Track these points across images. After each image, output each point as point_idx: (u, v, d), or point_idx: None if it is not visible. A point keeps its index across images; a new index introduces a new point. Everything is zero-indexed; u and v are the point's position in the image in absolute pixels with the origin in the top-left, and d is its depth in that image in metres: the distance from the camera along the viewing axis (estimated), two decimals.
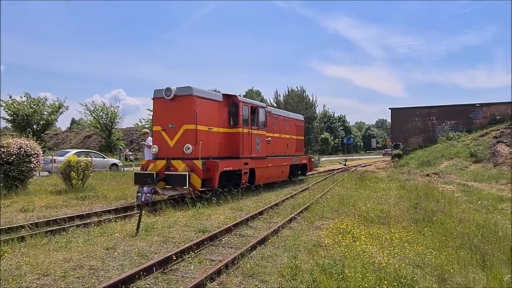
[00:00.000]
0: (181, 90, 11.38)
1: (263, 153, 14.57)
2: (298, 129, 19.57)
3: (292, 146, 18.69)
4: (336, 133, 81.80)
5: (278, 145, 16.87)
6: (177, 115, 11.41)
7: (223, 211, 10.25)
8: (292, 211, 10.05)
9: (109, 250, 6.31)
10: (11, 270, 5.24)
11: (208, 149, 11.72)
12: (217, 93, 12.88)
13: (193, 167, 10.81)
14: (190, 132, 11.21)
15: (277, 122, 16.92)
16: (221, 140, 12.59)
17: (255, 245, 6.61)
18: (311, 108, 33.79)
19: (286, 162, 17.17)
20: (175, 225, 8.31)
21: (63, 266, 5.44)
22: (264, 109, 15.00)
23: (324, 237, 7.46)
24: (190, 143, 11.11)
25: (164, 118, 11.70)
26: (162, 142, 11.66)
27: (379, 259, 5.82)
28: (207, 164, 11.11)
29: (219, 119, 12.52)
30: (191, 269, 5.57)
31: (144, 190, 7.92)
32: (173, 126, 11.46)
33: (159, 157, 11.61)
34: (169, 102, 11.43)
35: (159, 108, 11.88)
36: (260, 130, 14.47)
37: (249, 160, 13.33)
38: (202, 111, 11.46)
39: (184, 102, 11.31)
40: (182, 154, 11.15)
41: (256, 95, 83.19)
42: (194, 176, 10.71)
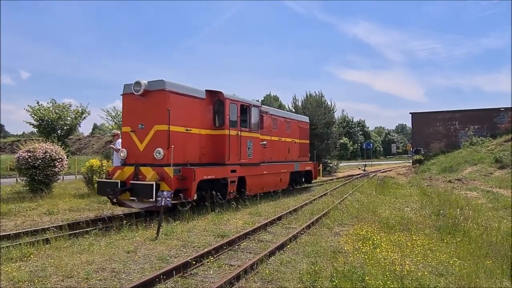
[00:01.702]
0: (153, 84, 9.71)
1: (256, 159, 12.81)
2: (302, 132, 17.58)
3: (295, 150, 16.72)
4: (355, 138, 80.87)
5: (277, 149, 15.01)
6: (147, 114, 9.72)
7: (242, 216, 10.27)
8: (311, 217, 9.98)
9: (130, 254, 6.41)
10: (37, 271, 5.39)
11: (186, 154, 10.08)
12: (198, 89, 10.86)
13: (163, 175, 9.12)
14: (161, 134, 9.48)
15: (276, 123, 15.06)
16: (204, 144, 10.85)
17: (274, 251, 6.59)
18: (329, 113, 33.42)
19: (285, 169, 15.26)
20: (194, 230, 8.38)
21: (86, 268, 5.55)
22: (258, 108, 13.11)
23: (344, 243, 7.37)
24: (161, 146, 9.40)
25: (133, 118, 9.99)
26: (131, 145, 9.93)
27: (401, 267, 5.70)
28: (182, 171, 9.52)
29: (202, 119, 10.83)
30: (210, 273, 5.59)
31: (164, 194, 8.00)
32: (143, 126, 9.74)
33: (128, 163, 9.91)
34: (139, 98, 9.75)
35: (128, 105, 10.17)
36: (252, 133, 12.62)
37: (237, 167, 11.60)
38: (177, 109, 9.75)
39: (155, 99, 9.63)
40: (153, 160, 9.46)
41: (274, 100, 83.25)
42: (164, 186, 9.04)
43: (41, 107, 31.50)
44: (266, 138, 13.88)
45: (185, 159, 10.00)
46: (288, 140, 16.02)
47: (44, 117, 31.13)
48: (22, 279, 5.01)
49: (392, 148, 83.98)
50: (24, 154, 12.48)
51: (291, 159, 16.15)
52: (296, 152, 16.75)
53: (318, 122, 30.84)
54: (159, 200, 7.90)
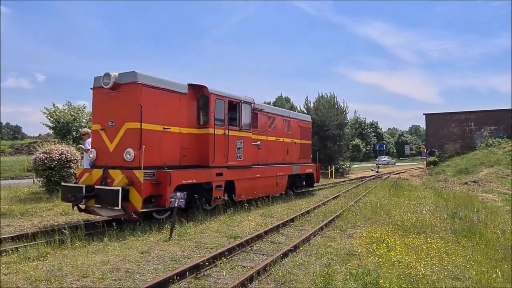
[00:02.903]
0: (124, 76, 8.68)
1: (247, 161, 11.67)
2: (303, 132, 16.29)
3: (295, 152, 15.46)
4: (367, 140, 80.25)
5: (274, 150, 13.80)
6: (118, 110, 8.70)
7: (254, 217, 10.27)
8: (324, 219, 9.92)
9: (144, 254, 6.47)
10: (53, 270, 5.49)
11: (163, 155, 9.02)
12: (178, 83, 9.71)
13: (132, 179, 8.08)
14: (133, 132, 8.43)
15: (273, 122, 13.86)
16: (185, 144, 9.74)
17: (287, 253, 6.57)
18: (342, 115, 33.25)
19: (282, 171, 13.89)
20: (207, 231, 8.41)
21: (101, 268, 5.63)
22: (250, 105, 11.93)
23: (357, 245, 7.31)
24: (132, 146, 8.33)
25: (103, 114, 9.00)
26: (101, 145, 8.92)
27: (416, 270, 5.63)
28: (157, 175, 8.53)
29: (183, 116, 9.70)
30: (223, 274, 5.61)
31: (178, 196, 8.05)
32: (113, 124, 8.71)
33: (97, 165, 8.91)
34: (109, 92, 8.76)
35: (98, 100, 9.16)
36: (243, 132, 11.46)
37: (224, 170, 10.48)
38: (152, 104, 8.74)
39: (126, 93, 8.61)
40: (123, 162, 8.41)
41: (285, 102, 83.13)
42: (133, 192, 8.03)
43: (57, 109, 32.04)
44: (261, 138, 12.83)
45: (161, 161, 8.97)
46: (287, 140, 14.89)
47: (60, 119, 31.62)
48: (39, 278, 5.10)
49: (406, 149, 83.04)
50: (41, 155, 12.69)
51: (290, 161, 15.03)
52: (296, 154, 15.59)
53: (331, 124, 30.71)
54: (172, 201, 7.95)
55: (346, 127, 33.81)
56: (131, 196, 8.06)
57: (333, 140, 31.17)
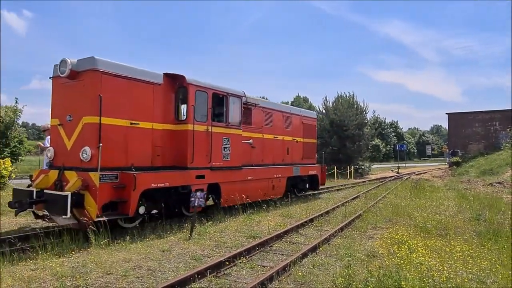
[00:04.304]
0: (82, 63, 7.54)
1: (236, 161, 10.36)
2: (306, 129, 14.80)
3: (296, 151, 14.05)
4: (387, 140, 79.03)
5: (271, 150, 12.52)
6: (75, 102, 7.62)
7: (273, 217, 10.28)
8: (343, 220, 9.84)
9: (165, 253, 6.58)
10: (78, 267, 5.63)
11: (129, 154, 7.88)
12: (151, 72, 8.54)
13: (87, 182, 7.01)
14: (91, 128, 7.32)
15: (270, 118, 12.53)
16: (159, 142, 8.59)
17: (307, 253, 6.56)
18: (361, 114, 32.89)
19: (280, 173, 12.46)
20: (226, 230, 8.47)
21: (124, 266, 5.75)
22: (240, 98, 10.60)
23: (378, 247, 7.23)
24: (90, 144, 7.23)
25: (61, 107, 7.94)
26: (59, 143, 7.86)
27: (439, 273, 5.52)
28: (120, 178, 7.42)
29: (156, 110, 8.57)
30: (243, 274, 5.64)
31: (198, 195, 8.14)
32: (71, 118, 7.63)
33: (55, 165, 7.86)
34: (66, 82, 7.71)
35: (56, 91, 8.12)
36: (230, 128, 10.17)
37: (206, 172, 9.26)
38: (115, 95, 7.62)
39: (84, 82, 7.51)
40: (80, 162, 7.32)
41: (303, 102, 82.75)
42: (88, 198, 6.96)
43: None
44: (255, 136, 11.60)
45: (128, 162, 7.84)
46: (287, 138, 13.47)
47: None
48: (65, 274, 5.25)
49: (427, 150, 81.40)
50: None
51: (292, 161, 13.67)
52: (298, 153, 14.17)
53: (350, 124, 30.41)
54: (192, 200, 8.04)
55: (366, 127, 33.41)
56: (86, 203, 6.96)
57: (352, 140, 30.86)
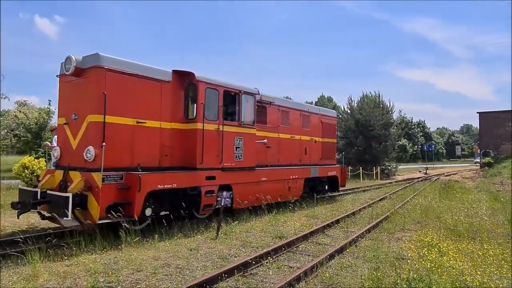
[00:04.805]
0: (87, 60, 7.39)
1: (249, 162, 9.95)
2: (325, 129, 14.27)
3: (315, 151, 13.54)
4: (414, 140, 77.18)
5: (288, 150, 12.10)
6: (81, 100, 7.48)
7: (299, 218, 10.25)
8: (370, 221, 9.70)
9: (193, 251, 6.69)
10: (110, 264, 5.82)
11: (135, 154, 7.67)
12: (159, 69, 8.32)
13: (90, 183, 6.85)
14: (95, 127, 7.15)
15: (287, 117, 12.13)
16: (168, 141, 8.35)
17: (334, 254, 6.51)
18: (387, 114, 32.30)
19: (296, 174, 11.99)
20: (252, 230, 8.52)
21: (153, 263, 5.89)
22: (253, 96, 10.19)
23: (407, 249, 7.09)
24: (94, 144, 7.07)
25: (67, 105, 7.83)
26: (65, 142, 7.76)
27: (472, 277, 5.36)
28: (125, 179, 7.19)
29: (165, 109, 8.31)
30: (269, 274, 5.66)
31: (224, 195, 8.23)
32: (76, 117, 7.50)
33: (61, 165, 7.79)
34: (72, 80, 7.61)
35: (62, 90, 8.02)
36: (243, 128, 9.77)
37: (217, 173, 8.93)
38: (121, 93, 7.42)
39: (89, 79, 7.35)
40: (84, 162, 7.18)
41: (328, 101, 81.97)
42: (91, 199, 6.78)
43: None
44: (271, 136, 11.22)
45: (134, 162, 7.63)
46: (305, 138, 12.99)
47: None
48: (98, 271, 5.43)
49: (457, 150, 79.04)
50: None
51: (310, 162, 13.17)
52: (317, 154, 13.64)
53: (376, 124, 29.93)
54: (219, 200, 8.13)
55: (392, 126, 32.79)
56: (89, 204, 6.79)
57: (378, 141, 30.36)
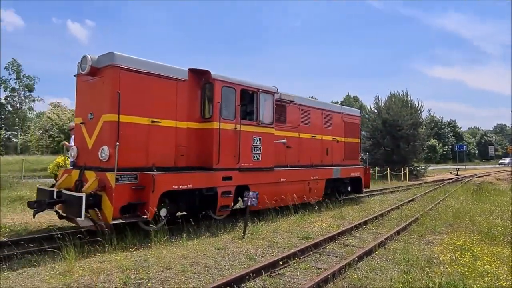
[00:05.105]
0: (102, 59, 7.41)
1: (267, 162, 9.73)
2: (349, 128, 13.89)
3: (337, 152, 13.19)
4: (445, 140, 74.89)
5: (308, 150, 11.79)
6: (96, 100, 7.50)
7: (325, 219, 10.16)
8: (399, 223, 9.49)
9: (220, 250, 6.75)
10: (140, 261, 5.96)
11: (150, 154, 7.62)
12: (175, 67, 8.26)
13: (104, 183, 6.85)
14: (110, 126, 7.12)
15: (308, 116, 11.82)
16: (183, 141, 8.25)
17: (362, 256, 6.42)
18: (416, 113, 31.50)
19: (317, 175, 11.67)
20: (278, 230, 8.52)
21: (182, 262, 5.99)
22: (272, 95, 9.96)
23: (439, 253, 6.90)
24: (108, 143, 7.05)
25: (84, 105, 7.87)
26: (82, 142, 7.79)
27: (508, 283, 5.15)
28: (140, 179, 7.15)
29: (180, 108, 8.22)
30: (297, 275, 5.65)
31: (250, 195, 8.27)
32: (92, 117, 7.51)
33: (78, 165, 7.85)
34: (88, 79, 7.66)
35: (79, 89, 8.07)
36: (261, 127, 9.55)
37: (234, 173, 8.77)
38: (135, 92, 7.39)
39: (104, 79, 7.35)
40: (99, 162, 7.19)
41: (353, 101, 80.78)
42: (105, 200, 6.78)
43: None
44: (291, 135, 10.98)
45: (149, 162, 7.60)
46: (327, 138, 12.65)
47: None
48: (129, 268, 5.58)
49: (489, 150, 76.06)
50: None
51: (332, 162, 12.84)
52: (339, 154, 13.29)
53: (404, 123, 29.27)
54: (245, 200, 8.18)
55: (421, 126, 31.94)
56: (103, 204, 6.79)
57: (407, 141, 29.67)
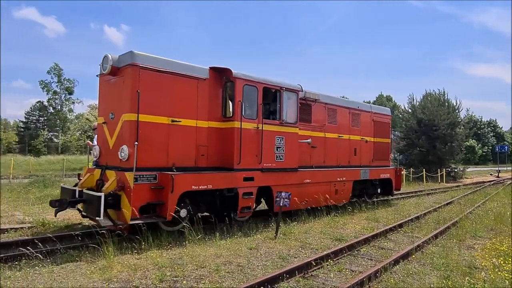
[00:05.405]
0: (122, 59, 7.38)
1: (291, 163, 9.44)
2: (378, 127, 13.32)
3: (366, 152, 12.69)
4: (484, 140, 71.61)
5: (335, 150, 11.40)
6: (116, 99, 7.51)
7: (358, 220, 9.97)
8: (437, 226, 9.17)
9: (252, 250, 6.78)
10: (175, 259, 6.09)
11: (170, 153, 7.54)
12: (195, 66, 8.13)
13: (123, 182, 6.83)
14: (129, 126, 7.08)
15: (334, 115, 11.41)
16: (204, 141, 8.12)
17: (398, 260, 6.24)
18: (453, 113, 30.31)
19: (344, 176, 11.23)
20: (310, 231, 8.44)
21: (216, 261, 6.06)
22: (296, 93, 9.68)
23: (480, 258, 6.60)
24: (128, 143, 7.04)
25: (105, 105, 7.95)
26: (104, 141, 7.87)
27: None
28: (159, 179, 7.09)
29: (201, 107, 8.10)
30: (331, 277, 5.57)
31: (282, 195, 8.25)
32: (113, 116, 7.54)
33: (100, 164, 7.93)
34: (109, 79, 7.69)
35: (101, 89, 8.12)
36: (285, 126, 9.28)
37: (256, 174, 8.56)
38: (155, 91, 7.33)
39: (124, 78, 7.33)
40: (119, 161, 7.21)
41: (387, 101, 78.84)
42: (124, 199, 6.75)
43: None
44: (316, 135, 10.66)
45: (169, 162, 7.52)
46: (354, 138, 12.20)
47: None
48: (165, 265, 5.71)
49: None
50: None
51: (360, 163, 12.37)
52: (368, 155, 12.77)
53: (440, 123, 28.24)
54: (277, 200, 8.17)
55: (459, 126, 30.68)
56: (122, 204, 6.78)
57: (444, 141, 28.59)
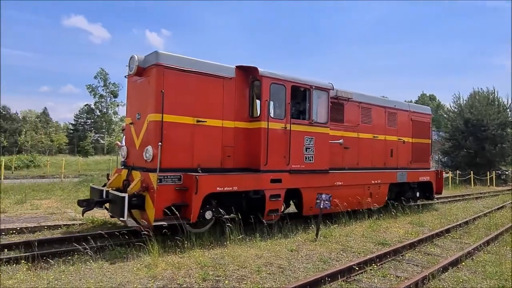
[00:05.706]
0: (148, 59, 7.37)
1: (321, 164, 9.03)
2: (416, 127, 12.56)
3: (403, 153, 11.99)
4: None
5: (370, 151, 10.87)
6: (142, 100, 7.53)
7: (402, 224, 9.64)
8: (488, 232, 8.68)
9: (293, 252, 6.74)
10: (217, 259, 6.17)
11: (195, 154, 7.40)
12: (220, 65, 7.94)
13: (147, 183, 6.84)
14: (154, 126, 7.04)
15: (368, 115, 10.90)
16: (230, 141, 7.93)
17: (447, 266, 5.97)
18: (504, 112, 28.63)
19: (379, 179, 10.64)
20: (351, 234, 8.27)
21: (256, 261, 6.08)
22: (326, 92, 9.23)
23: None
24: (153, 143, 6.99)
25: (132, 105, 7.98)
26: (131, 142, 7.91)
27: None
28: (183, 180, 7.01)
29: (227, 107, 7.91)
30: (374, 282, 5.43)
31: (323, 197, 8.14)
32: (139, 117, 7.55)
33: (127, 165, 7.95)
34: (136, 80, 7.72)
35: (129, 90, 8.17)
36: (314, 127, 8.88)
37: (284, 175, 8.25)
38: (180, 91, 7.24)
39: (149, 78, 7.31)
40: (144, 162, 7.17)
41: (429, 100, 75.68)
42: (148, 200, 6.77)
43: None
44: (349, 136, 10.22)
45: (194, 163, 7.40)
46: (391, 138, 11.57)
47: None
48: (207, 264, 5.81)
49: None
50: None
51: (396, 165, 11.70)
52: (405, 156, 12.08)
53: (490, 123, 26.75)
54: (318, 202, 8.07)
55: (510, 126, 28.91)
56: (146, 205, 6.81)
57: (493, 142, 27.08)
